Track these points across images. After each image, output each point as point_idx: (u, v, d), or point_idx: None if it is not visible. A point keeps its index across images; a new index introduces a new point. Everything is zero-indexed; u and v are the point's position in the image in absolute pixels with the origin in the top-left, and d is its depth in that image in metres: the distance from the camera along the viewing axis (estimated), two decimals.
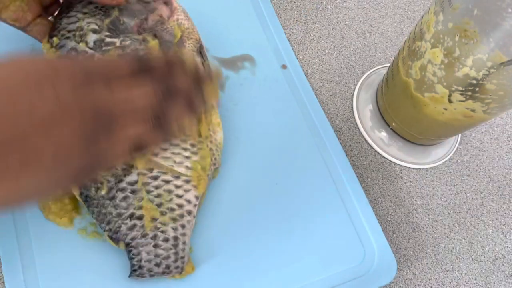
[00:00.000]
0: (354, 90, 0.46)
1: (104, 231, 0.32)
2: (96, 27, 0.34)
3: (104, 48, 0.33)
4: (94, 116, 0.23)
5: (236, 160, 0.39)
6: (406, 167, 0.44)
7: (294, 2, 0.50)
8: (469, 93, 0.33)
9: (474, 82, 0.32)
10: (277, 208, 0.38)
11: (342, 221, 0.38)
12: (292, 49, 0.47)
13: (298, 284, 0.35)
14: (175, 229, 0.32)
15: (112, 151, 0.24)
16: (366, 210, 0.39)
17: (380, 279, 0.37)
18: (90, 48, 0.33)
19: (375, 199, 0.42)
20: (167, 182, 0.33)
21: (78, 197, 0.33)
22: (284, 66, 0.45)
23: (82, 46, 0.33)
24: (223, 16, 0.46)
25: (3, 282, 0.32)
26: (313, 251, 0.37)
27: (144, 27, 0.35)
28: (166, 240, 0.32)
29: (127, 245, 0.32)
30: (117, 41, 0.34)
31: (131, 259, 0.32)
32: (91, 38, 0.33)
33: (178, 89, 0.25)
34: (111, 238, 0.32)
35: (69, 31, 0.34)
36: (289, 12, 0.50)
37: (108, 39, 0.34)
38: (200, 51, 0.37)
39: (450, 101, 0.34)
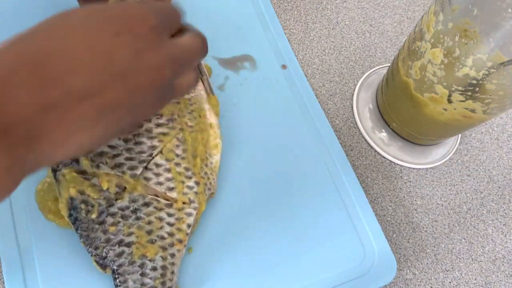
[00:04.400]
0: (354, 90, 0.46)
1: (91, 255, 0.31)
2: None
3: None
4: (169, 63, 0.23)
5: (236, 160, 0.39)
6: (406, 167, 0.44)
7: (294, 2, 0.50)
8: (469, 93, 0.33)
9: (474, 82, 0.32)
10: (277, 208, 0.38)
11: (342, 221, 0.38)
12: (292, 49, 0.47)
13: (298, 284, 0.35)
14: (164, 258, 0.32)
15: (176, 95, 0.25)
16: (366, 210, 0.39)
17: (380, 279, 0.37)
18: None
19: (375, 199, 0.42)
20: (160, 209, 0.32)
21: (66, 219, 0.32)
22: (284, 66, 0.45)
23: None
24: (223, 16, 0.46)
25: (3, 282, 0.32)
26: (313, 251, 0.37)
27: None
28: (154, 269, 0.31)
29: (114, 271, 0.31)
30: None
31: (116, 286, 0.31)
32: None
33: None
34: (97, 263, 0.31)
35: None
36: (289, 12, 0.50)
37: None
38: (198, 66, 0.36)
39: (449, 101, 0.34)
